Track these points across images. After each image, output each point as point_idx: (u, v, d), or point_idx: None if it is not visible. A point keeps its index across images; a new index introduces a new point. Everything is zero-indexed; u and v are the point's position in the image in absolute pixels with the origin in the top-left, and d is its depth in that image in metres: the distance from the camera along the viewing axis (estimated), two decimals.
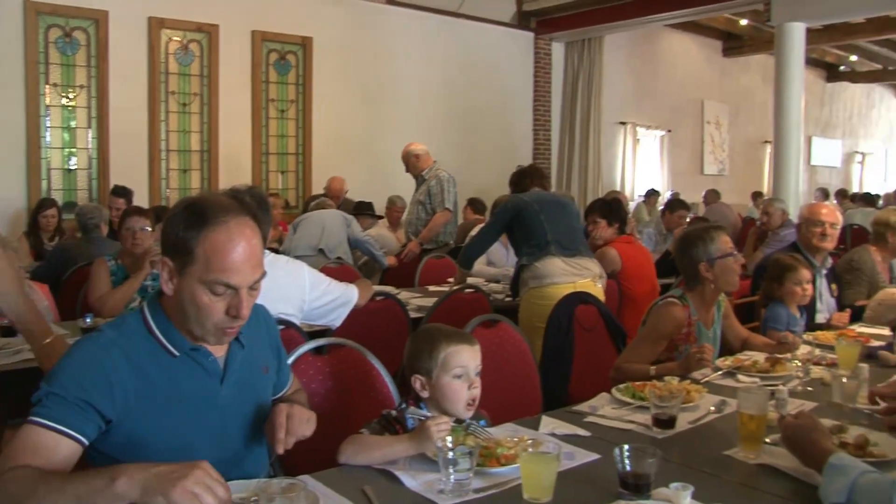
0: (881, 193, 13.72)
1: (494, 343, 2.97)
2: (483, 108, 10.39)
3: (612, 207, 5.04)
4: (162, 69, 7.74)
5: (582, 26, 10.77)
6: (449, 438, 1.86)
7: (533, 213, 4.33)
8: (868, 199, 11.78)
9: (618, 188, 11.91)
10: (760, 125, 14.65)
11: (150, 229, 4.33)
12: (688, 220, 7.32)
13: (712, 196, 10.78)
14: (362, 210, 7.32)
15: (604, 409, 2.44)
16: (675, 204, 7.80)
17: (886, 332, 3.52)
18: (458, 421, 2.11)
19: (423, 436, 1.94)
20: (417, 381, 2.15)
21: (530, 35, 11.08)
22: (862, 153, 19.07)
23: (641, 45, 12.72)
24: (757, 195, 12.82)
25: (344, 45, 9.00)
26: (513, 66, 10.86)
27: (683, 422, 2.31)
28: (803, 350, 2.99)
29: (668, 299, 3.16)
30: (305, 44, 8.70)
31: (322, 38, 8.79)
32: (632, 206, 11.81)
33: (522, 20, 10.92)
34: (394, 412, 2.15)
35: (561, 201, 4.59)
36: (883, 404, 2.28)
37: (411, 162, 6.52)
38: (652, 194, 11.61)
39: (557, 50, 11.41)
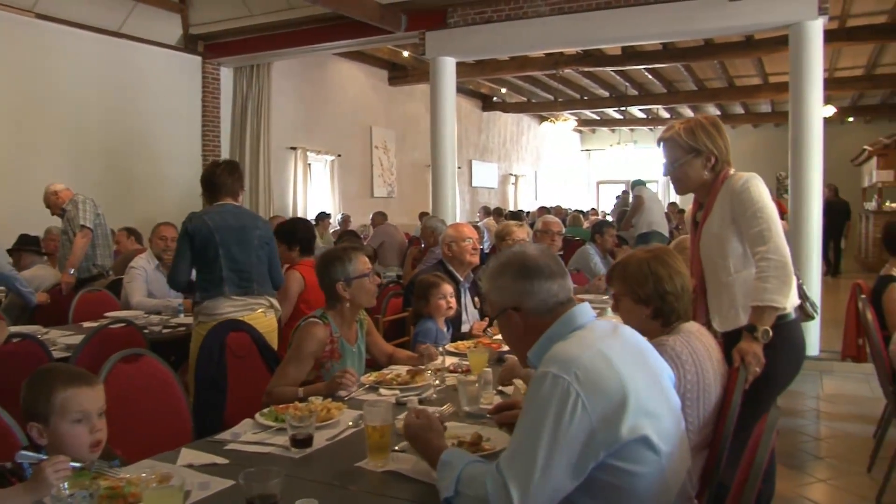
0: (529, 211, 15.17)
1: (136, 378, 2.87)
2: (146, 132, 9.95)
3: (289, 231, 5.02)
4: None
5: (250, 52, 10.69)
6: (66, 484, 1.77)
7: (213, 246, 4.14)
8: (516, 216, 12.98)
9: (289, 212, 12.00)
10: (424, 149, 15.37)
11: None
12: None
13: (379, 218, 11.18)
14: (26, 244, 6.69)
15: (246, 434, 2.46)
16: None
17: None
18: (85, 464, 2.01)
19: (40, 481, 1.81)
20: (34, 430, 2.02)
21: (198, 59, 10.80)
22: (515, 175, 21.02)
23: (311, 73, 12.92)
24: (423, 215, 13.52)
25: None
26: (179, 90, 10.52)
27: (322, 439, 2.39)
28: (439, 360, 3.22)
29: (309, 319, 3.27)
30: None
31: None
32: None
33: (189, 43, 10.61)
34: (8, 464, 1.98)
35: (244, 226, 4.31)
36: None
37: (52, 201, 6.37)
38: (323, 217, 11.83)
39: (226, 75, 11.24)
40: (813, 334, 7.55)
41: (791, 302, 2.95)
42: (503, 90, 17.68)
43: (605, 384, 1.77)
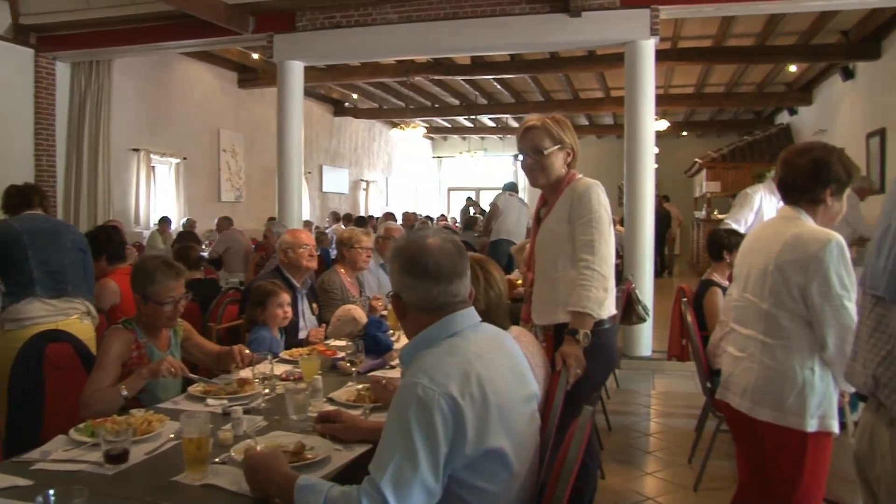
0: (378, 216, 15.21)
1: None
2: None
3: (92, 240, 4.78)
4: None
5: (89, 47, 10.13)
6: None
7: (20, 247, 3.98)
8: (362, 222, 12.99)
9: (131, 216, 11.53)
10: (274, 154, 15.17)
11: None
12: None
13: (224, 223, 10.93)
14: None
15: (57, 452, 2.34)
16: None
17: (343, 343, 3.88)
18: None
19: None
20: None
21: (30, 52, 10.11)
22: (366, 181, 21.02)
23: (156, 72, 12.44)
24: (271, 220, 13.30)
25: None
26: (9, 84, 9.82)
27: (140, 453, 2.31)
28: (264, 367, 3.17)
29: (112, 327, 3.24)
30: None
31: None
32: (146, 234, 11.53)
33: (19, 34, 9.94)
34: None
35: (57, 230, 4.25)
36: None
37: None
38: (164, 222, 11.44)
39: (63, 70, 10.58)
40: (646, 336, 7.97)
41: (607, 311, 3.11)
42: (355, 96, 17.67)
43: (470, 398, 1.81)
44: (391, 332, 4.33)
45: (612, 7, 8.04)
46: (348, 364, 3.32)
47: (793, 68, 13.56)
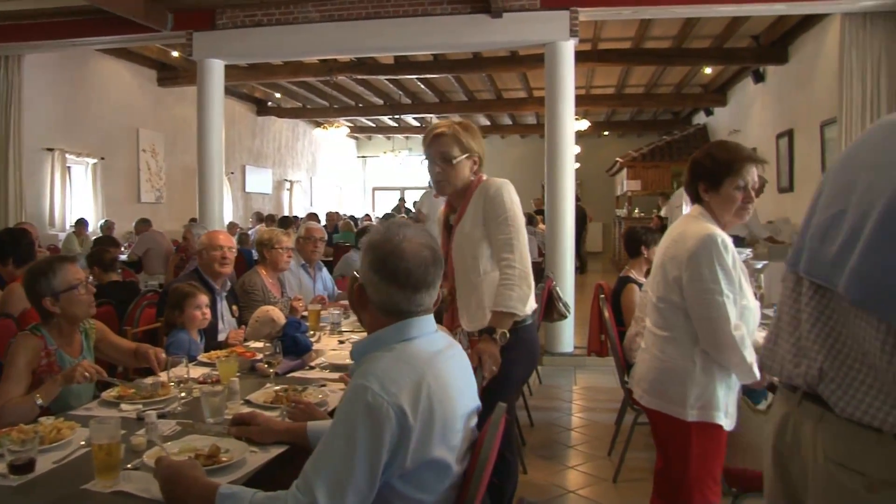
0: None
1: None
2: None
3: (3, 242, 4.63)
4: None
5: None
6: None
7: None
8: (284, 222, 12.86)
9: (46, 218, 11.18)
10: (195, 154, 14.95)
11: None
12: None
13: (143, 225, 10.70)
14: None
15: None
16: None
17: (261, 344, 3.84)
18: None
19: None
20: None
21: None
22: (290, 181, 20.81)
23: (70, 69, 12.06)
24: (193, 221, 13.06)
25: None
26: None
27: (48, 462, 2.25)
28: (181, 371, 3.13)
29: (19, 333, 3.16)
30: None
31: None
32: (62, 236, 11.20)
33: None
34: None
35: None
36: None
37: None
38: (81, 224, 11.12)
39: None
40: (567, 332, 8.11)
41: (529, 307, 3.16)
42: (278, 95, 17.48)
43: (419, 412, 1.80)
44: (311, 332, 4.32)
45: (533, 8, 8.17)
46: (266, 365, 3.29)
47: (708, 70, 14.01)
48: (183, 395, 2.97)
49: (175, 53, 12.83)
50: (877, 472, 1.43)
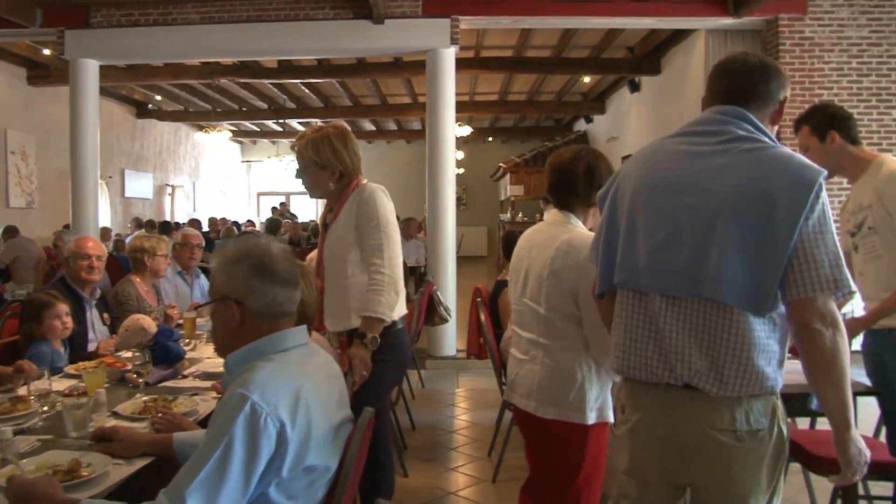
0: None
1: None
2: None
3: None
4: None
5: None
6: None
7: None
8: (165, 227, 12.52)
9: None
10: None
11: None
12: None
13: (11, 231, 10.20)
14: None
15: None
16: None
17: (131, 354, 3.73)
18: None
19: None
20: None
21: None
22: (172, 186, 20.21)
23: None
24: (66, 228, 12.54)
25: None
26: None
27: None
28: (42, 384, 3.00)
29: None
30: None
31: None
32: None
33: None
34: None
35: None
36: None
37: None
38: None
39: None
40: (449, 336, 8.21)
41: (398, 312, 3.20)
42: (158, 97, 16.94)
43: (297, 425, 1.82)
44: (187, 341, 4.24)
45: (414, 15, 8.24)
46: (135, 375, 3.21)
47: (587, 79, 14.45)
48: (45, 408, 2.85)
49: (46, 51, 12.26)
50: (740, 427, 1.94)
